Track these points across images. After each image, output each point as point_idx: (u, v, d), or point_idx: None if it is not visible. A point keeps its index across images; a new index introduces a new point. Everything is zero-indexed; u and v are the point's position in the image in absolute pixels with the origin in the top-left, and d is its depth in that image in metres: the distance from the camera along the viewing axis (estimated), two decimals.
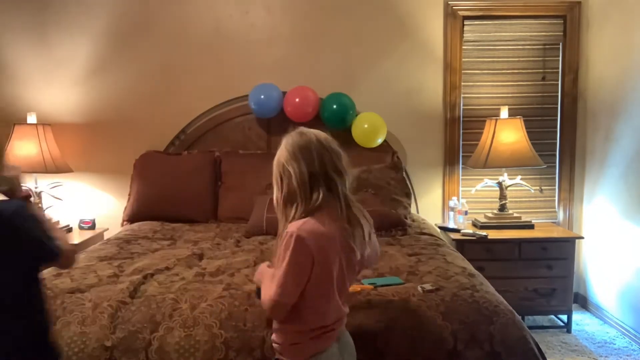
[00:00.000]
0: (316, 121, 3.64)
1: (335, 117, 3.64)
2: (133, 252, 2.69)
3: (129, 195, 3.64)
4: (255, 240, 2.99)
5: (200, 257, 2.63)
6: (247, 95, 3.70)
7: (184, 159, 3.66)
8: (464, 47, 3.84)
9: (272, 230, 3.06)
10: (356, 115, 3.70)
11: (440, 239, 3.05)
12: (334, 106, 3.62)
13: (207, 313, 1.94)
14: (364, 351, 1.83)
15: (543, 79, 3.89)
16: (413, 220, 3.39)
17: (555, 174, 3.94)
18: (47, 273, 2.35)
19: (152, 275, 2.30)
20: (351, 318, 1.91)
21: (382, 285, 2.10)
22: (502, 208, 3.63)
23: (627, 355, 3.12)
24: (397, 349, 1.85)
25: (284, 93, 3.69)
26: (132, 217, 3.51)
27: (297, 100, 3.62)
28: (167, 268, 2.41)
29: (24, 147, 3.45)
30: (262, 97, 3.63)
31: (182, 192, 3.50)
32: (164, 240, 3.00)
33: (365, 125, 3.65)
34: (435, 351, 1.86)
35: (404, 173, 3.69)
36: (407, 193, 3.57)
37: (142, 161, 3.66)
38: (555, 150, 3.92)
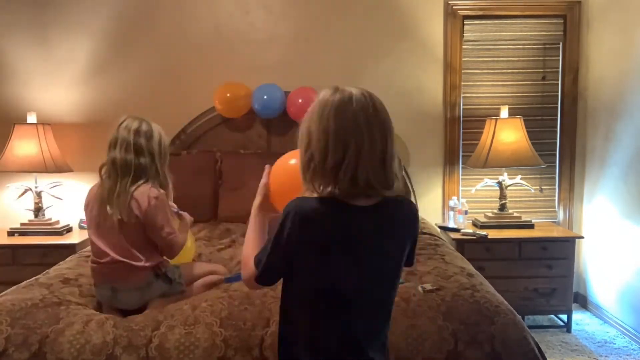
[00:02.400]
0: None
1: None
2: None
3: None
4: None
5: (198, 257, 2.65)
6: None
7: (183, 159, 3.66)
8: (464, 46, 3.84)
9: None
10: None
11: (440, 238, 3.05)
12: None
13: (208, 312, 1.96)
14: None
15: (543, 78, 3.89)
16: None
17: (555, 173, 3.94)
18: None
19: None
20: None
21: None
22: (502, 208, 3.64)
23: (627, 355, 3.12)
24: (397, 349, 1.85)
25: (287, 93, 3.68)
26: None
27: (300, 100, 3.61)
28: None
29: (24, 147, 3.45)
30: (266, 97, 3.63)
31: (182, 191, 3.49)
32: None
33: None
34: (435, 351, 1.86)
35: (403, 172, 3.69)
36: (407, 192, 3.57)
37: None
38: (555, 150, 3.92)
